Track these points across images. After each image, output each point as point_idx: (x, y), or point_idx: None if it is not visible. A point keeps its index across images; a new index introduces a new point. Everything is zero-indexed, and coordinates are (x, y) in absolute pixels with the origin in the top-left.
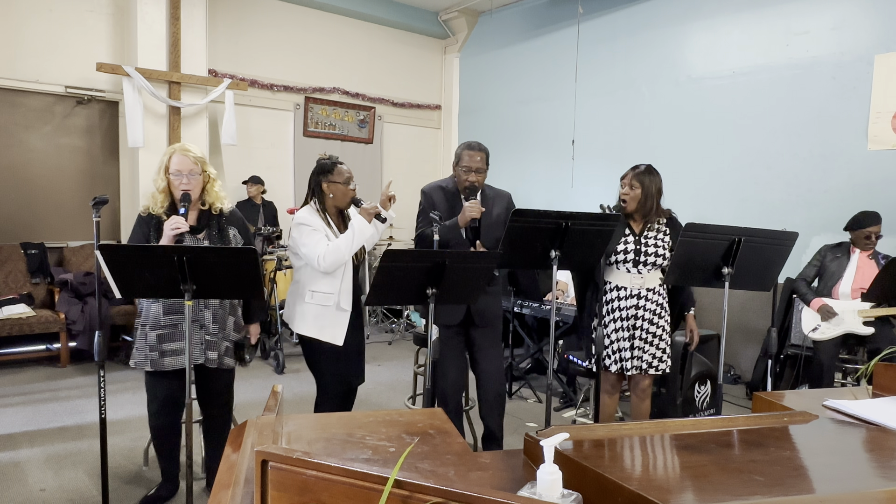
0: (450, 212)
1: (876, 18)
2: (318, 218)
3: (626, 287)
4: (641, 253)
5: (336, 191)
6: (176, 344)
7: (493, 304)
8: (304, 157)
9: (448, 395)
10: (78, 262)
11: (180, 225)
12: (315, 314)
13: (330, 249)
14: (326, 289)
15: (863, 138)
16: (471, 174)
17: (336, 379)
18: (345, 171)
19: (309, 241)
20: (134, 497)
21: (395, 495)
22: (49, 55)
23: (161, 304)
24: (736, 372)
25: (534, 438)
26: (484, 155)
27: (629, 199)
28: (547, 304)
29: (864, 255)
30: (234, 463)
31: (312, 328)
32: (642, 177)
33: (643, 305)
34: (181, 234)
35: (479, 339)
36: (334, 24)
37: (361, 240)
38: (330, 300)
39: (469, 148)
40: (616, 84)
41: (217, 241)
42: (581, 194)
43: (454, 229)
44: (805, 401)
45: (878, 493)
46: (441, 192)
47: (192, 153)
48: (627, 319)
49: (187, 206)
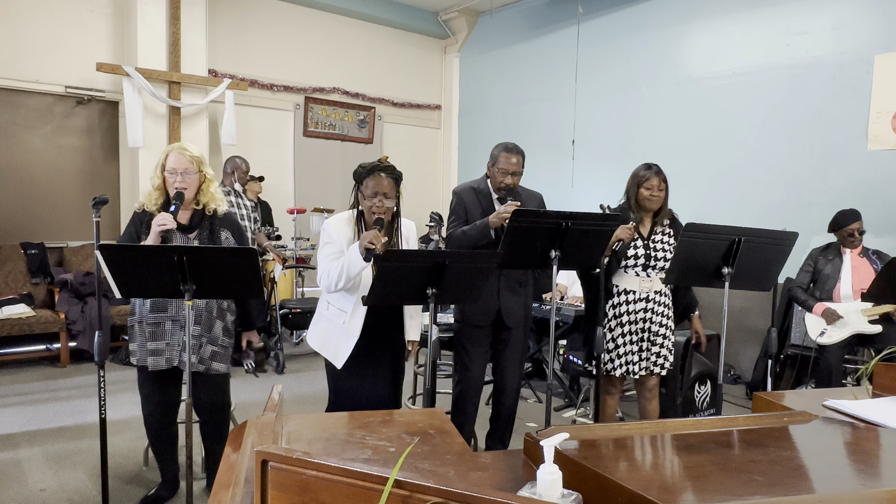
0: (482, 213)
1: (876, 18)
2: (346, 227)
3: (636, 291)
4: (651, 257)
5: (364, 205)
6: (157, 343)
7: (524, 305)
8: (303, 157)
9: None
10: (78, 262)
11: (166, 222)
12: (324, 327)
13: (324, 271)
14: (341, 306)
15: (863, 138)
16: (507, 177)
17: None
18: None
19: (319, 252)
20: (134, 497)
21: (395, 495)
22: (49, 55)
23: (150, 300)
24: (736, 372)
25: (534, 438)
26: (521, 158)
27: (657, 201)
28: (547, 305)
29: (854, 254)
30: (234, 463)
31: (318, 341)
32: (664, 176)
33: (651, 308)
34: (168, 232)
35: (505, 339)
36: (334, 24)
37: (352, 272)
38: (341, 318)
39: (507, 150)
40: (616, 84)
41: (207, 241)
42: (581, 194)
43: (484, 229)
44: (805, 401)
45: (878, 493)
46: (473, 193)
47: (188, 152)
48: (636, 323)
49: (178, 205)
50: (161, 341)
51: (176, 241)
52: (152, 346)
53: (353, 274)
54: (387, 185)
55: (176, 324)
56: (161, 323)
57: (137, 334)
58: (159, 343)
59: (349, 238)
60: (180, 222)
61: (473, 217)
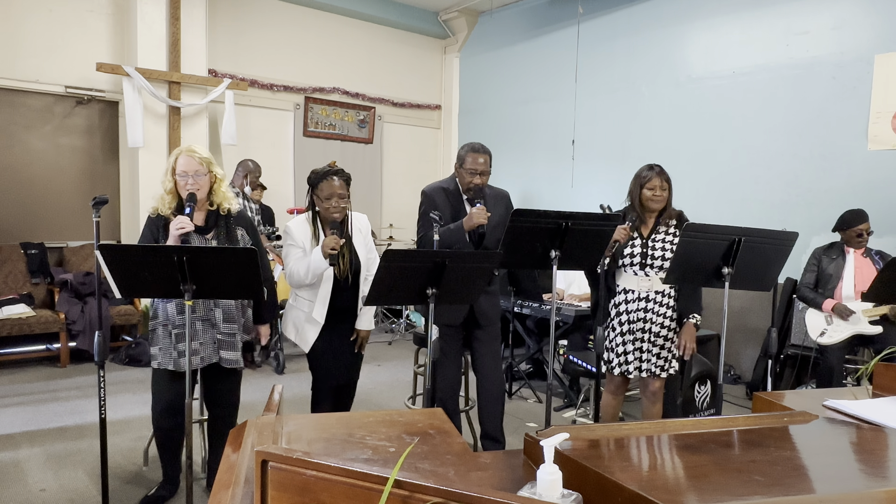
0: (452, 213)
1: (876, 18)
2: (305, 228)
3: (634, 290)
4: (648, 256)
5: (321, 207)
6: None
7: (494, 304)
8: (304, 157)
9: (447, 396)
10: (78, 262)
11: (185, 225)
12: (293, 316)
13: (291, 270)
14: (306, 296)
15: (863, 138)
16: (475, 177)
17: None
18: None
19: (284, 253)
20: (134, 497)
21: (395, 495)
22: (49, 55)
23: (174, 303)
24: (736, 372)
25: (534, 438)
26: (488, 157)
27: (660, 201)
28: (547, 304)
29: (858, 255)
30: (234, 463)
31: (291, 328)
32: (667, 176)
33: (651, 308)
34: (187, 234)
35: (479, 339)
36: (334, 24)
37: (317, 272)
38: (306, 307)
39: (473, 150)
40: (616, 84)
41: (224, 241)
42: (581, 194)
43: (458, 231)
44: (805, 401)
45: (878, 493)
46: (443, 193)
47: (197, 154)
48: (635, 323)
49: (192, 207)
50: (195, 341)
51: (194, 244)
52: (183, 348)
53: (318, 272)
54: (339, 186)
55: (206, 323)
56: (192, 324)
57: (161, 337)
58: (193, 343)
59: (309, 236)
60: (196, 224)
61: (444, 217)
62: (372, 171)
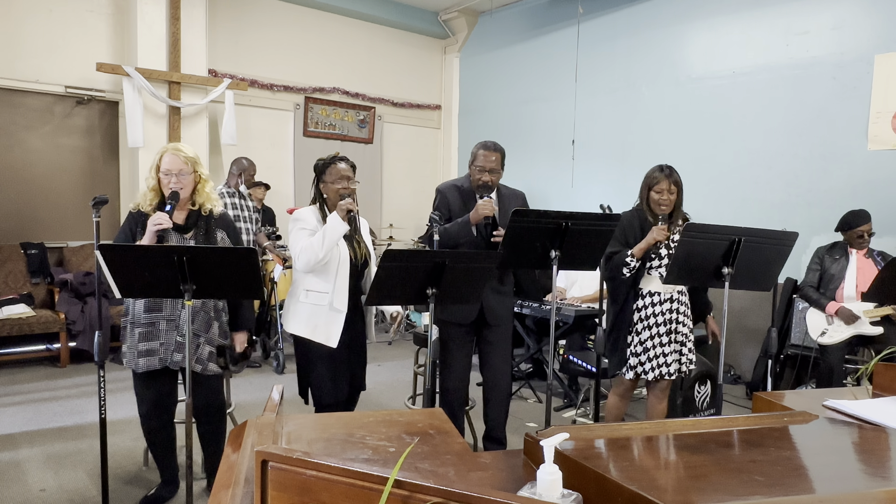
0: (465, 211)
1: (876, 18)
2: (315, 217)
3: (660, 292)
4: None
5: (329, 191)
6: (150, 344)
7: (506, 304)
8: (304, 157)
9: (453, 395)
10: (78, 262)
11: (163, 221)
12: (308, 313)
13: (303, 246)
14: (320, 288)
15: (863, 138)
16: (485, 174)
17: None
18: (339, 170)
19: (293, 238)
20: (134, 497)
21: (395, 495)
22: (49, 55)
23: (143, 301)
24: (736, 372)
25: (534, 438)
26: (499, 155)
27: (667, 203)
28: (547, 304)
29: (860, 255)
30: (234, 463)
31: (305, 328)
32: (677, 178)
33: (676, 308)
34: (164, 231)
35: (489, 339)
36: (334, 24)
37: (334, 237)
38: (324, 300)
39: (485, 148)
40: (616, 84)
41: (203, 241)
42: (581, 194)
43: (465, 226)
44: (805, 401)
45: (878, 493)
46: (457, 190)
47: (183, 153)
48: (665, 325)
49: (173, 205)
50: (154, 341)
51: (172, 241)
52: (144, 347)
53: (334, 239)
54: (346, 169)
55: (171, 324)
56: (155, 323)
57: (129, 335)
58: (152, 343)
59: (315, 225)
60: (176, 222)
61: (457, 214)
62: (372, 171)
